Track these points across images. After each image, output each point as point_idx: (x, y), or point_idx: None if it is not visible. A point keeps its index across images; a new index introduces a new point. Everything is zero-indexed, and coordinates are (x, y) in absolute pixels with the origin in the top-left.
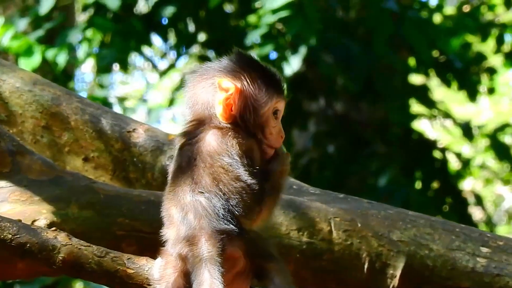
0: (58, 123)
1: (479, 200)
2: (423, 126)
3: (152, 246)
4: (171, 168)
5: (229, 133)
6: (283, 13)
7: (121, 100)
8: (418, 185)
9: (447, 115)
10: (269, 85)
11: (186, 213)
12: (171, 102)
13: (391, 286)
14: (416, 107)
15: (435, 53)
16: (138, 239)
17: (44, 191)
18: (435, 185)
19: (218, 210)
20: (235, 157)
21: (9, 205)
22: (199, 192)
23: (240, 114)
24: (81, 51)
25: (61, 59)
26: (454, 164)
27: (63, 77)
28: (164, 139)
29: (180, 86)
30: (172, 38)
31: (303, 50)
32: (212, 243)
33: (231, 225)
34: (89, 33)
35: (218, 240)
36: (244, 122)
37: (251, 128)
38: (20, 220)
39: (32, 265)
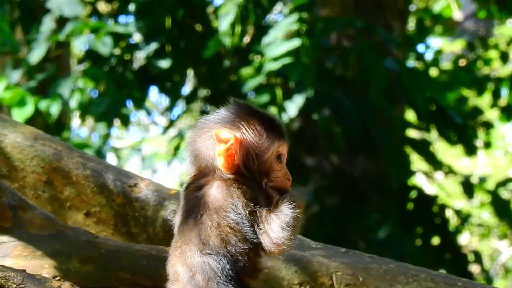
0: (59, 178)
1: (477, 257)
2: (420, 180)
3: None
4: (176, 222)
5: (233, 185)
6: (285, 60)
7: (116, 150)
8: (418, 241)
9: (449, 170)
10: (270, 130)
11: (194, 274)
12: (175, 153)
13: None
14: (414, 160)
15: (432, 107)
16: None
17: (45, 245)
18: (435, 240)
19: (227, 272)
20: (241, 211)
21: (11, 260)
22: (207, 253)
23: (243, 163)
24: (73, 101)
25: (54, 109)
26: (452, 219)
27: (56, 127)
28: (165, 194)
29: (177, 138)
30: (169, 94)
31: (300, 98)
32: None
33: (238, 286)
34: (82, 83)
35: None
36: (248, 171)
37: (256, 175)
38: (24, 270)
39: None
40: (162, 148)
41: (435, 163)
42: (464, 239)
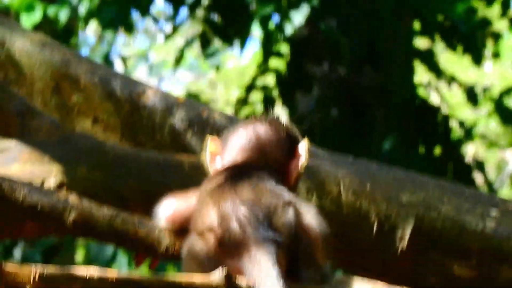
0: (67, 85)
1: (480, 167)
2: (425, 92)
3: None
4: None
5: None
6: None
7: (123, 59)
8: (421, 150)
9: (452, 80)
10: None
11: (228, 224)
12: (178, 62)
13: (399, 248)
14: (420, 71)
15: (440, 18)
16: (147, 201)
17: (53, 151)
18: (437, 151)
19: (263, 220)
20: None
21: (18, 166)
22: (241, 201)
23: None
24: (82, 8)
25: (62, 15)
26: (456, 129)
27: (64, 34)
28: (173, 102)
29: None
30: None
31: (305, 8)
32: (263, 251)
33: (273, 233)
34: None
35: (268, 247)
36: None
37: None
38: (30, 183)
39: (41, 226)
40: (169, 56)
41: (439, 73)
42: (471, 150)
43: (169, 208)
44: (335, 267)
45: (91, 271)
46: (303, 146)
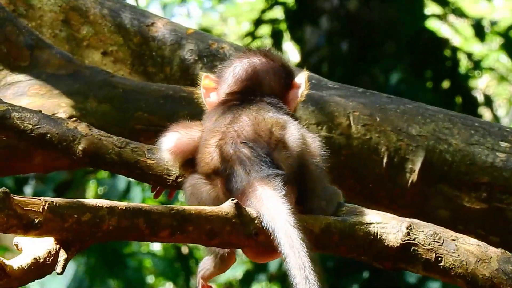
0: (76, 17)
1: (488, 100)
2: (435, 25)
3: None
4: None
5: None
6: None
7: None
8: (428, 84)
9: (460, 13)
10: None
11: (232, 166)
12: None
13: (409, 181)
14: (428, 5)
15: None
16: (156, 133)
17: (62, 85)
18: (445, 84)
19: (265, 157)
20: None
21: (28, 99)
22: (242, 142)
23: None
24: None
25: None
26: (465, 63)
27: None
28: (183, 33)
29: None
30: None
31: None
32: (270, 186)
33: (279, 169)
34: None
35: (274, 183)
36: None
37: None
38: (40, 111)
39: (49, 160)
40: None
41: (447, 5)
42: (481, 84)
43: (171, 141)
44: (346, 199)
45: (101, 201)
46: (303, 76)
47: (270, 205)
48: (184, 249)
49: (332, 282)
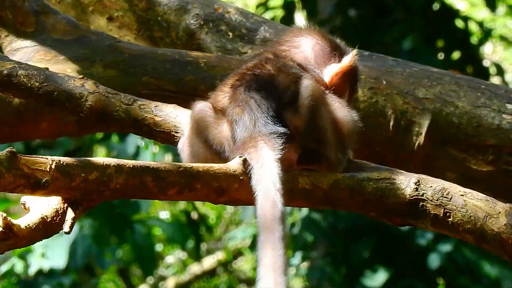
0: None
1: (499, 69)
2: None
3: (177, 105)
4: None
5: None
6: None
7: None
8: (440, 55)
9: None
10: None
11: (240, 112)
12: None
13: (416, 143)
14: None
15: None
16: (163, 98)
17: (68, 50)
18: (456, 55)
19: (272, 111)
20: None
21: (33, 65)
22: (256, 89)
23: None
24: None
25: None
26: (475, 32)
27: None
28: None
29: None
30: None
31: None
32: (269, 145)
33: (283, 127)
34: None
35: (274, 141)
36: None
37: None
38: (47, 68)
39: (56, 125)
40: None
41: None
42: (488, 50)
43: (204, 109)
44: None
45: (108, 159)
46: (349, 58)
47: (264, 165)
48: (194, 215)
49: (343, 245)
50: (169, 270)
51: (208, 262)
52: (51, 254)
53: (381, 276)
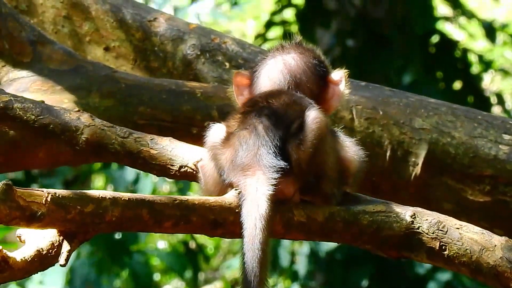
0: (78, 12)
1: (499, 98)
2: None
3: (172, 135)
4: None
5: None
6: None
7: None
8: (441, 85)
9: (470, 15)
10: None
11: (247, 135)
12: None
13: (413, 174)
14: (438, 6)
15: None
16: (160, 128)
17: (65, 80)
18: (457, 85)
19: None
20: None
21: (30, 95)
22: (267, 114)
23: None
24: None
25: None
26: (475, 63)
27: None
28: (185, 28)
29: None
30: None
31: None
32: (265, 179)
33: (284, 162)
34: None
35: (272, 177)
36: None
37: None
38: (43, 101)
39: (53, 154)
40: None
41: (458, 6)
42: (486, 80)
43: (217, 134)
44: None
45: (104, 192)
46: (340, 73)
47: (252, 200)
48: (192, 244)
49: (341, 274)
50: None
51: None
52: (49, 281)
53: None
